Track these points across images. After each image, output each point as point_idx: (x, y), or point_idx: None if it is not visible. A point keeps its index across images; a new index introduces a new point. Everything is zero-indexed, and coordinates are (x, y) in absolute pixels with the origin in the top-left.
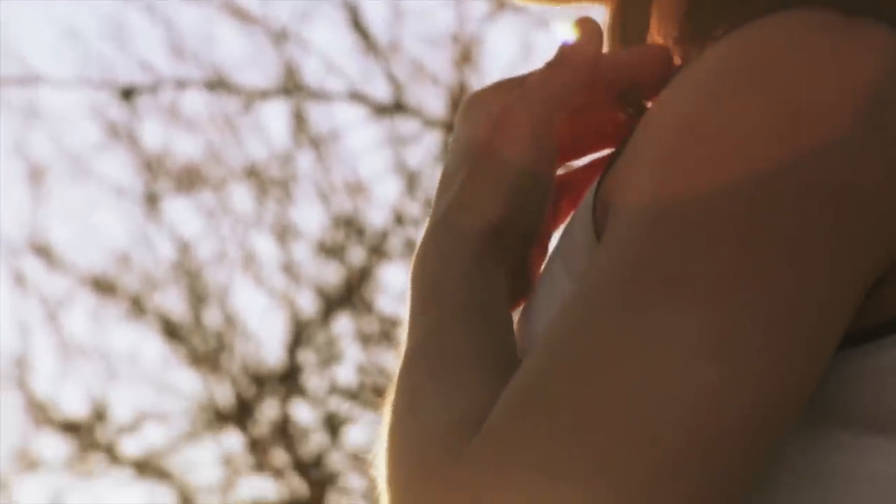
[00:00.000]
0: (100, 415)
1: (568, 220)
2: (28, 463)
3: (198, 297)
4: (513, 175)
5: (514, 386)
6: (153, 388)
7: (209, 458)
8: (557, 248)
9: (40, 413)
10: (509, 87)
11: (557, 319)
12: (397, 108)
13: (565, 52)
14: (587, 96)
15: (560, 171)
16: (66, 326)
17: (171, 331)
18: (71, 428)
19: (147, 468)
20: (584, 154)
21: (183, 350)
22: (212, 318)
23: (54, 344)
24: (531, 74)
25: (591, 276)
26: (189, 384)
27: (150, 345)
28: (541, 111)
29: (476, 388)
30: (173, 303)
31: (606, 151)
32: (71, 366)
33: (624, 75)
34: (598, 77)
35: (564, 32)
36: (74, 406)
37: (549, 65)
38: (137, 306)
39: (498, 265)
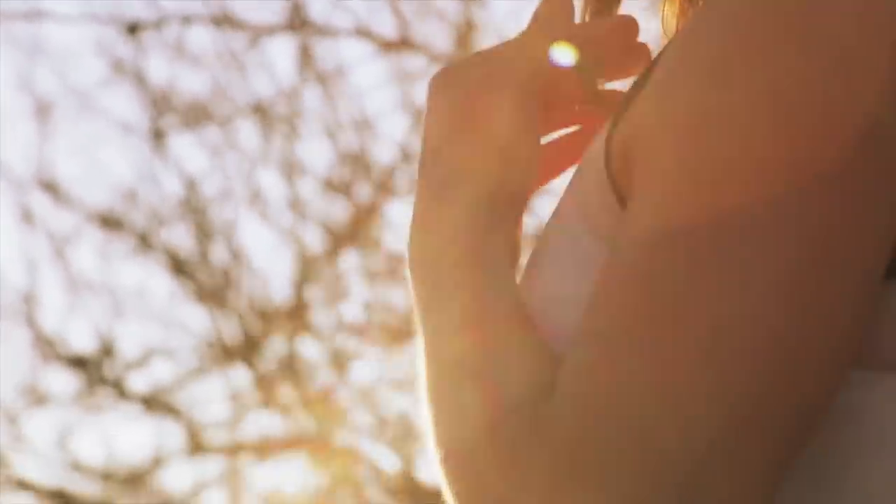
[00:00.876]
0: (107, 350)
1: (572, 177)
2: (36, 398)
3: (204, 234)
4: (501, 141)
5: (587, 344)
6: (160, 324)
7: (216, 393)
8: (565, 206)
9: (48, 348)
10: (482, 61)
11: (617, 277)
12: (404, 44)
13: (539, 22)
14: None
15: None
16: (74, 262)
17: (178, 267)
18: (79, 363)
19: (155, 404)
20: (554, 131)
21: (190, 286)
22: (218, 254)
23: (61, 279)
24: (504, 46)
25: (646, 229)
26: (196, 320)
27: (157, 281)
28: (521, 78)
29: (530, 351)
30: (180, 239)
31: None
32: (78, 301)
33: (590, 48)
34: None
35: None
36: (82, 342)
37: (523, 35)
38: (144, 242)
39: (496, 233)
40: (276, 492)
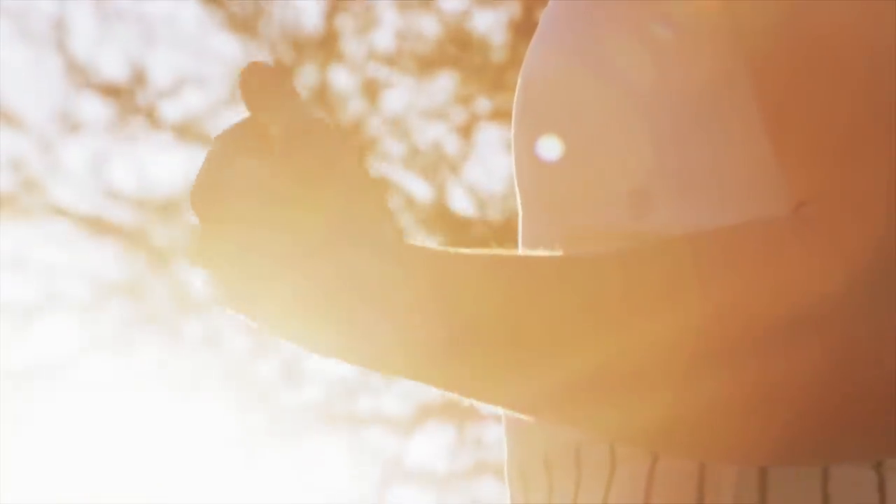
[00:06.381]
0: (139, 79)
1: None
2: (70, 125)
3: None
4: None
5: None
6: (191, 53)
7: None
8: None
9: (80, 76)
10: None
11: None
12: None
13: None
14: None
15: None
16: None
17: None
18: (111, 91)
19: (187, 132)
20: None
21: (221, 14)
22: None
23: (92, 7)
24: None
25: None
26: (227, 49)
27: (187, 8)
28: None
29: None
30: None
31: None
32: (109, 29)
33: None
34: None
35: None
36: (114, 70)
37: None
38: None
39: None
40: None
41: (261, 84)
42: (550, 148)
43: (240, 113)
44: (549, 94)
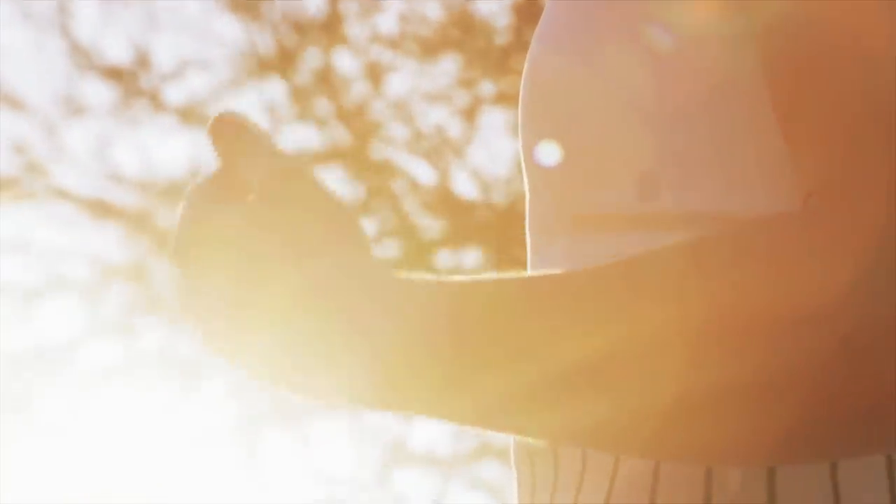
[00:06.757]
0: (142, 62)
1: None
2: (74, 108)
3: None
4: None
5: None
6: (195, 36)
7: (252, 106)
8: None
9: (84, 59)
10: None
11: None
12: None
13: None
14: None
15: None
16: None
17: None
18: (114, 74)
19: (191, 116)
20: None
21: None
22: None
23: None
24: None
25: None
26: (230, 31)
27: None
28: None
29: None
30: None
31: None
32: (112, 12)
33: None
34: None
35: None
36: (117, 53)
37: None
38: None
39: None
40: None
41: (232, 134)
42: (558, 132)
43: (213, 165)
44: (557, 79)
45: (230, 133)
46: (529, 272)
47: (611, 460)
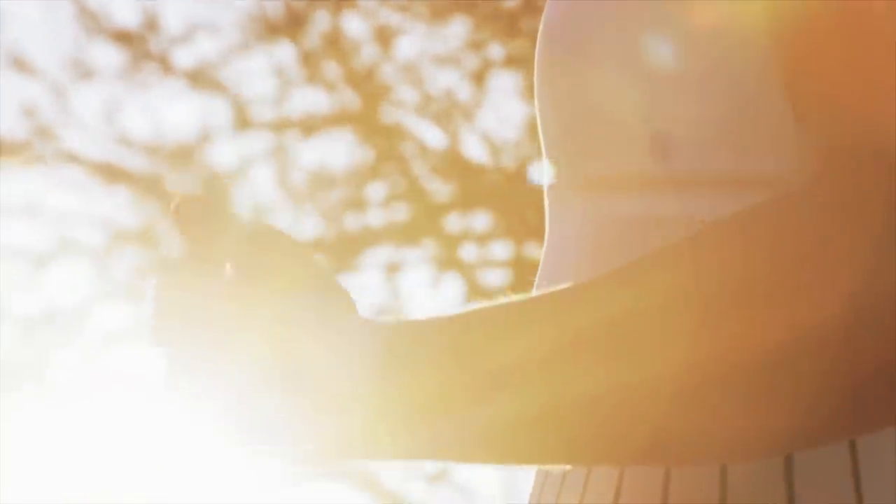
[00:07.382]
0: (151, 25)
1: None
2: (83, 72)
3: None
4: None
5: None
6: None
7: (261, 69)
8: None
9: (92, 22)
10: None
11: None
12: None
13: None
14: None
15: None
16: None
17: None
18: (123, 38)
19: (200, 79)
20: None
21: None
22: None
23: None
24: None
25: None
26: None
27: None
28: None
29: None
30: None
31: None
32: None
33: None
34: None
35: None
36: (126, 16)
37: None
38: None
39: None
40: (321, 168)
41: (197, 216)
42: (573, 94)
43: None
44: (573, 40)
45: (195, 216)
46: (547, 237)
47: None
